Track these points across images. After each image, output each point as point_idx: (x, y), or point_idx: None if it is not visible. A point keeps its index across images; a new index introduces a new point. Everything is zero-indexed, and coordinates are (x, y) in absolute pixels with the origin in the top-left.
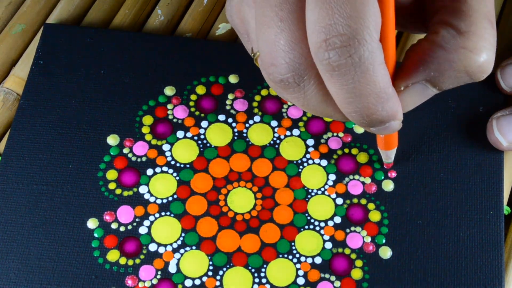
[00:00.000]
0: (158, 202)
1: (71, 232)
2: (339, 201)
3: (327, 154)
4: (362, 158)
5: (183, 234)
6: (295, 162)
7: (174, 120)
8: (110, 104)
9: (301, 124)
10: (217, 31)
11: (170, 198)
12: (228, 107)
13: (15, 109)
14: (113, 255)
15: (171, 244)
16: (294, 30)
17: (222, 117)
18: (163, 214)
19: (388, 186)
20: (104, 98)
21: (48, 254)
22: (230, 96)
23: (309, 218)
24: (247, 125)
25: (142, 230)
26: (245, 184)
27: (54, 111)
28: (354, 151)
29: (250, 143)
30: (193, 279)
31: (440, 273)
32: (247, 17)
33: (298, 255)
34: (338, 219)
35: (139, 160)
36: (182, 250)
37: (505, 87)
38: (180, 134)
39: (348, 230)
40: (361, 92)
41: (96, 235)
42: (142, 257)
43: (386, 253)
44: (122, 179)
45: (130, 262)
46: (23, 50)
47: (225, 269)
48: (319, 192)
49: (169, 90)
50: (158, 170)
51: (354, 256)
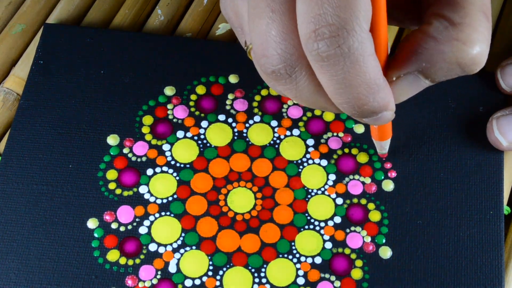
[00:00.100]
0: (158, 202)
1: (71, 232)
2: (339, 201)
3: (327, 154)
4: (362, 158)
5: (183, 234)
6: (295, 162)
7: (174, 120)
8: (110, 104)
9: (301, 124)
10: (217, 31)
11: (170, 198)
12: (228, 107)
13: (15, 109)
14: (113, 255)
15: (171, 244)
16: (285, 21)
17: (222, 117)
18: (163, 214)
19: (388, 186)
20: (104, 98)
21: (48, 254)
22: (230, 96)
23: (309, 218)
24: (247, 125)
25: (142, 230)
26: (245, 184)
27: (54, 111)
28: (354, 151)
29: (250, 143)
30: (193, 279)
31: (440, 273)
32: (241, 10)
33: (298, 255)
34: (338, 219)
35: (139, 160)
36: (182, 250)
37: (505, 87)
38: (180, 134)
39: (348, 230)
40: (351, 82)
41: (96, 235)
42: (142, 257)
43: (386, 253)
44: (122, 179)
45: (130, 262)
46: (23, 50)
47: (225, 269)
48: (319, 192)
49: (169, 90)
50: (158, 170)
51: (354, 256)
